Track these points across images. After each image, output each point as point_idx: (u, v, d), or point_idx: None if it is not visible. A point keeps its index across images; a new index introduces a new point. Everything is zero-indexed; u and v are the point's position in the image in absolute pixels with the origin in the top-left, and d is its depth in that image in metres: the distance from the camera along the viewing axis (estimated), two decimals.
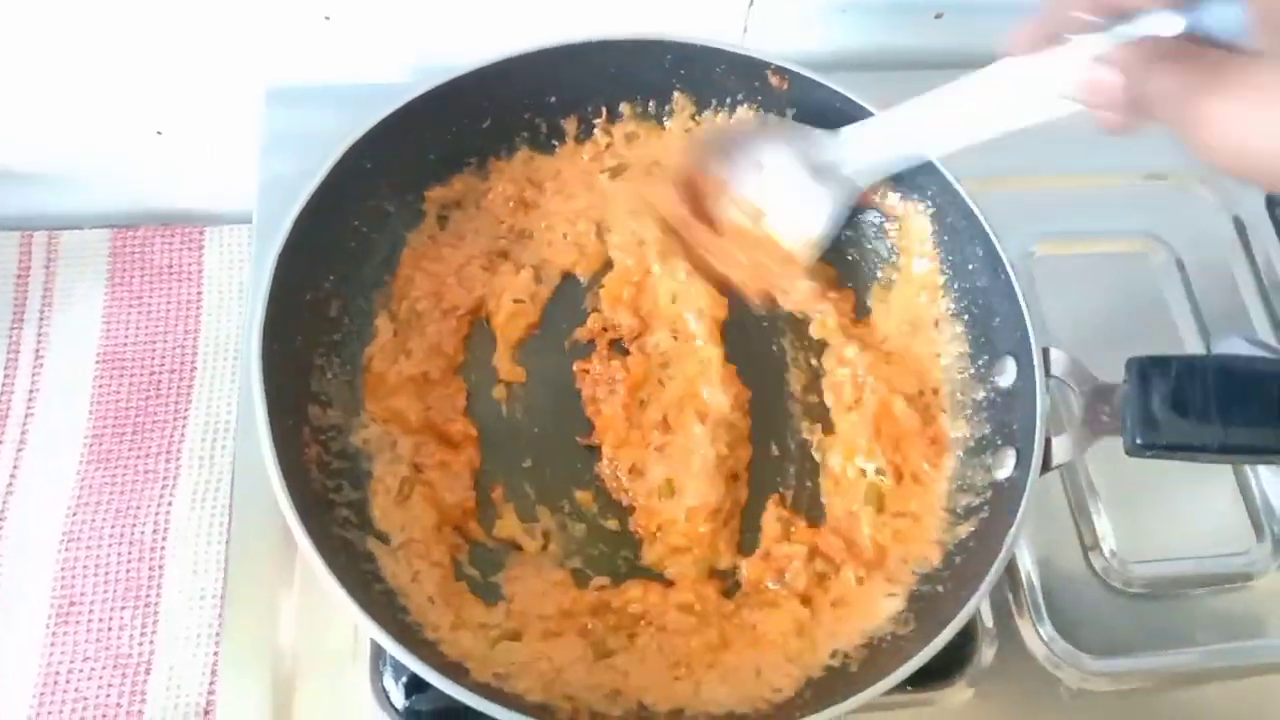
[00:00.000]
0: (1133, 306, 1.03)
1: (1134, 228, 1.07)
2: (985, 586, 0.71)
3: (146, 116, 1.05)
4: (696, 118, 0.95)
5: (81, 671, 0.89)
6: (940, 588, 0.78)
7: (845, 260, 0.95)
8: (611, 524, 0.84)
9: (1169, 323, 1.02)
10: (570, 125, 0.95)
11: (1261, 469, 0.95)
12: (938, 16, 1.11)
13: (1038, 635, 0.87)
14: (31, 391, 1.01)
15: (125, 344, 1.04)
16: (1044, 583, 0.89)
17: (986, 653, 0.85)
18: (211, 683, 0.88)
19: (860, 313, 0.94)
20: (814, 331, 0.92)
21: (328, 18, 0.98)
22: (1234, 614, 0.90)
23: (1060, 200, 1.08)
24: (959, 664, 0.84)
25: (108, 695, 0.88)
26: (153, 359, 1.03)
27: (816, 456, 0.89)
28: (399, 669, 0.79)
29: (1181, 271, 1.05)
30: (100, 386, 1.01)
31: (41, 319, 1.04)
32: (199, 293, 1.07)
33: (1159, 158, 1.12)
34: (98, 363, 1.03)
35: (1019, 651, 0.86)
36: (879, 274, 0.94)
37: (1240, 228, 1.09)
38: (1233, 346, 1.01)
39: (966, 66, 1.13)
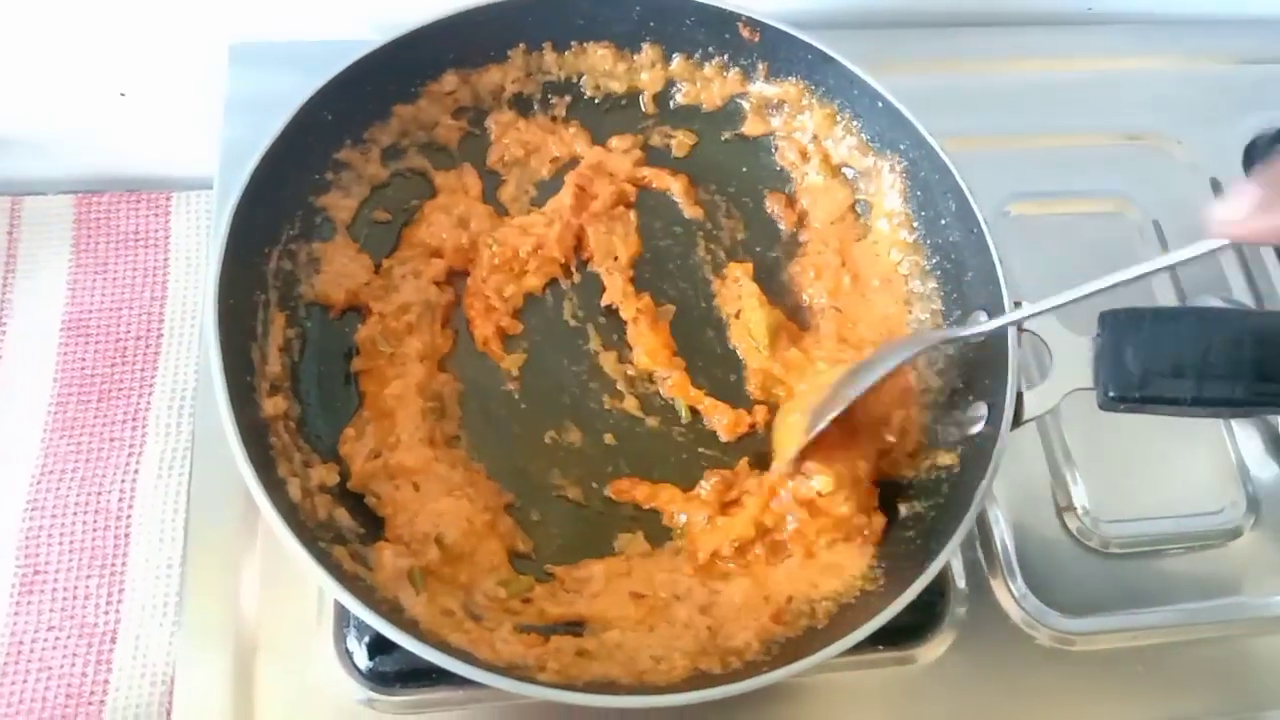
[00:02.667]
0: (1108, 267, 1.00)
1: (1110, 188, 1.07)
2: (955, 540, 0.71)
3: (110, 77, 1.04)
4: (665, 69, 0.95)
5: (46, 641, 0.88)
6: (911, 544, 0.78)
7: None
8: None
9: (1144, 284, 1.01)
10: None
11: (1237, 427, 0.95)
12: None
13: (1010, 594, 0.86)
14: None
15: (90, 311, 1.02)
16: (1018, 542, 0.88)
17: (959, 611, 0.85)
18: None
19: None
20: None
21: None
22: (1208, 573, 0.90)
23: (1035, 160, 1.07)
24: (932, 622, 0.84)
25: (73, 665, 0.87)
26: (118, 326, 1.02)
27: None
28: (362, 630, 0.78)
29: (1158, 231, 1.04)
30: (65, 354, 1.00)
31: (4, 286, 1.03)
32: (165, 259, 1.06)
33: (1135, 118, 1.11)
34: (62, 330, 1.01)
35: (992, 610, 0.86)
36: None
37: (1216, 188, 1.08)
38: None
39: (944, 25, 1.14)
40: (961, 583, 0.86)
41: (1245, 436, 0.95)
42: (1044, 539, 0.89)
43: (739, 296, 0.91)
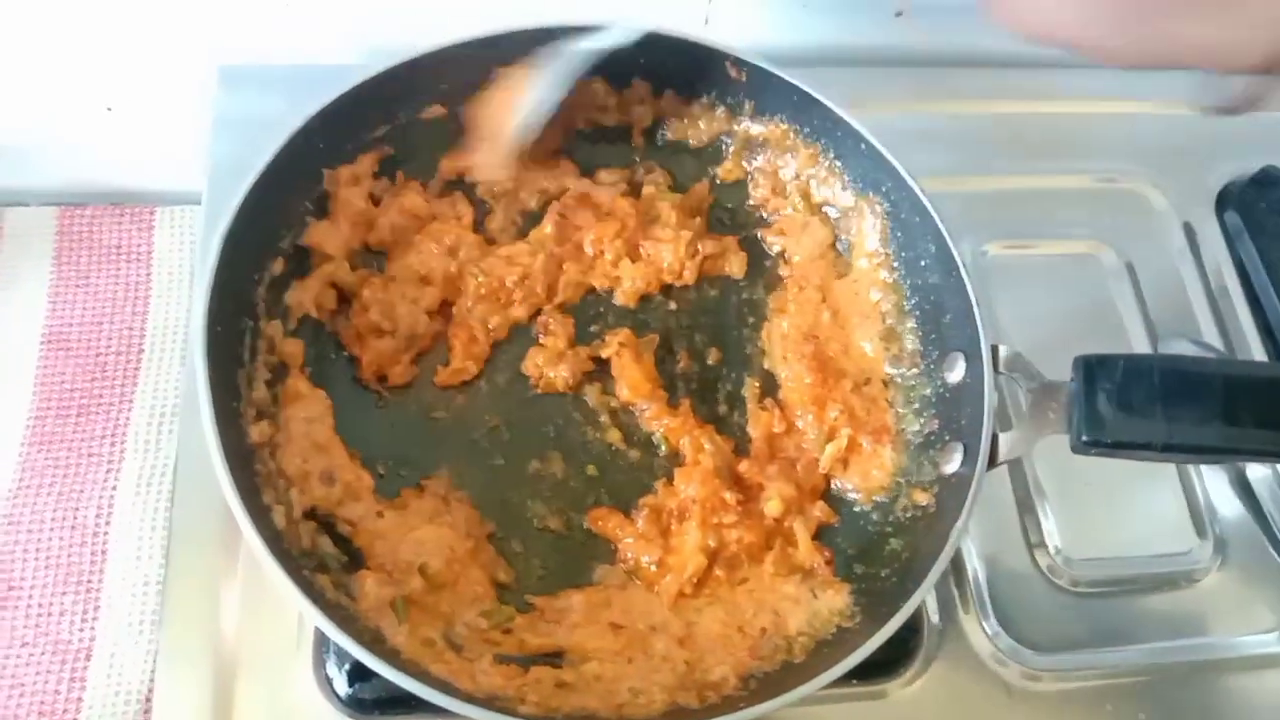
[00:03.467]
0: (1083, 308, 1.04)
1: (1085, 230, 1.09)
2: (930, 578, 0.72)
3: (97, 92, 1.03)
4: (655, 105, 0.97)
5: (20, 658, 0.87)
6: (887, 583, 0.79)
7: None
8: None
9: (1118, 325, 1.03)
10: None
11: (1205, 470, 0.97)
12: (898, 14, 1.11)
13: (983, 631, 0.87)
14: None
15: (71, 324, 1.02)
16: (990, 579, 0.90)
17: (932, 646, 0.86)
18: (154, 671, 0.86)
19: None
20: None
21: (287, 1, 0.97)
22: (1176, 612, 0.91)
23: (1013, 200, 1.09)
24: (904, 658, 0.85)
25: (46, 682, 0.86)
26: (99, 340, 1.01)
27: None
28: (342, 657, 0.78)
29: (1131, 274, 1.06)
30: (44, 367, 0.99)
31: None
32: (148, 274, 1.05)
33: (1112, 162, 1.13)
34: (42, 343, 1.00)
35: (964, 646, 0.87)
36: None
37: (1190, 233, 1.10)
38: (1179, 350, 1.02)
39: (924, 65, 1.16)
40: (935, 619, 0.87)
41: (1211, 479, 0.97)
42: (1016, 576, 0.90)
43: None
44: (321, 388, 0.84)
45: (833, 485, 0.88)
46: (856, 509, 0.87)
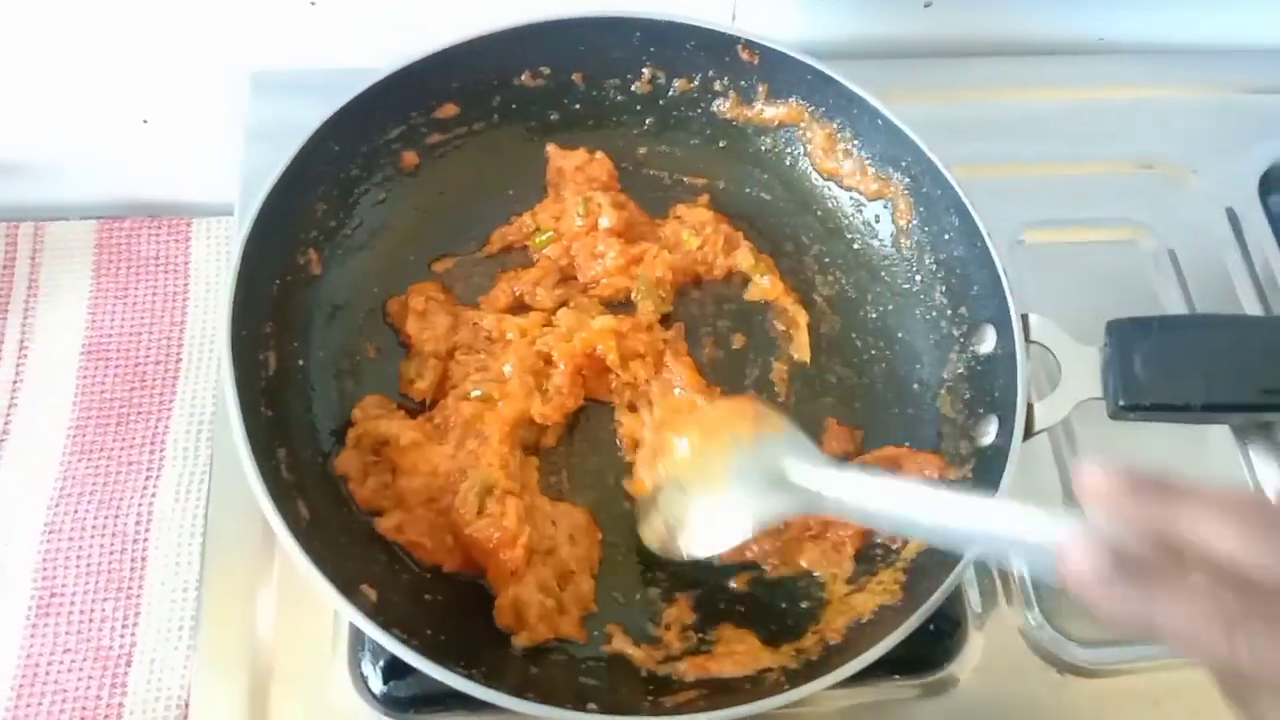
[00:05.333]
0: (1123, 295, 1.02)
1: (1124, 216, 1.07)
2: (971, 554, 0.70)
3: (133, 105, 1.05)
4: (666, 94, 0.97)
5: (62, 664, 0.87)
6: (929, 558, 0.78)
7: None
8: None
9: (1151, 294, 1.02)
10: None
11: (1252, 452, 0.94)
12: (927, 5, 1.10)
13: (1026, 623, 0.86)
14: (15, 382, 1.00)
15: (110, 335, 1.03)
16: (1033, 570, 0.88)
17: (974, 640, 0.84)
18: (192, 675, 0.87)
19: None
20: None
21: (313, 3, 0.98)
22: None
23: (1049, 188, 1.08)
24: (946, 652, 0.83)
25: (88, 688, 0.87)
26: (138, 350, 1.03)
27: None
28: (377, 654, 0.78)
29: (1173, 261, 1.04)
30: (85, 378, 1.01)
31: (26, 310, 1.04)
32: (185, 284, 1.06)
33: (1149, 147, 1.12)
34: (82, 354, 1.02)
35: (1007, 639, 0.85)
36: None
37: (1233, 218, 1.08)
38: None
39: (956, 55, 1.15)
40: (977, 609, 0.86)
41: (1261, 463, 0.94)
42: None
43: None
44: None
45: None
46: None
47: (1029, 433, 0.76)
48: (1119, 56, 1.18)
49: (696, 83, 0.96)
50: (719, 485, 0.75)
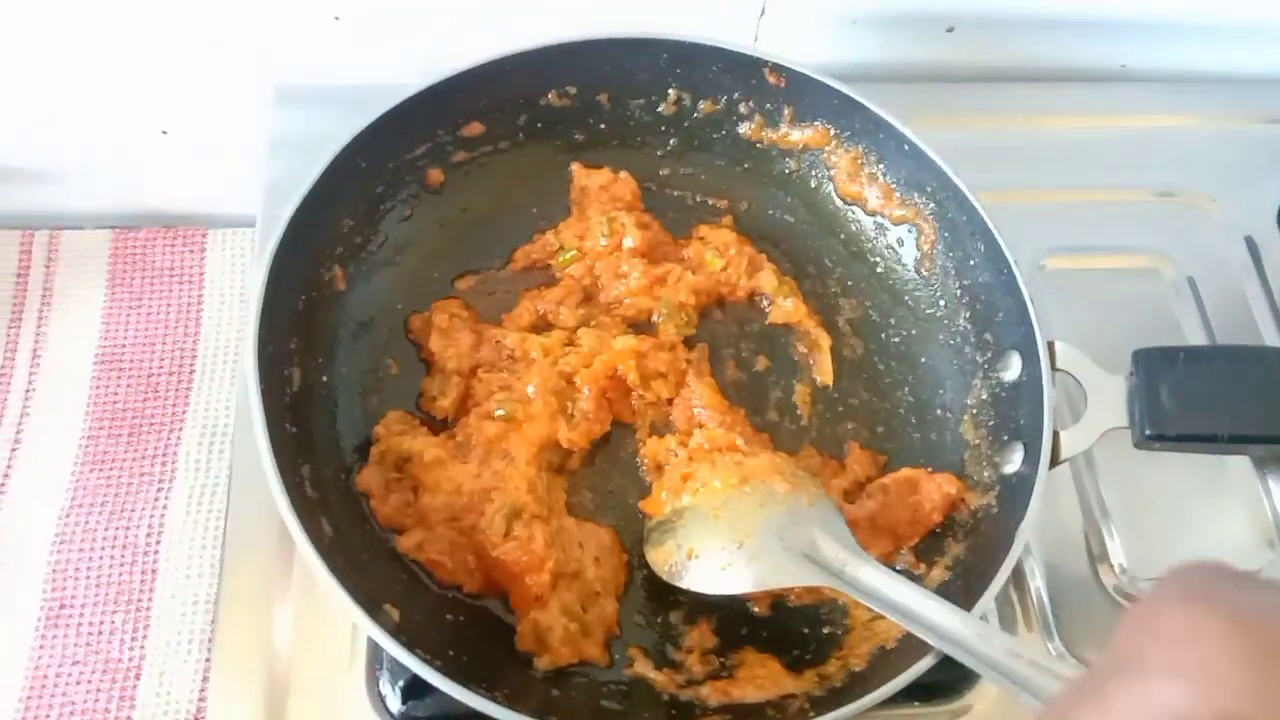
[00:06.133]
0: (1143, 323, 1.02)
1: (1145, 244, 1.07)
2: (997, 581, 0.70)
3: (152, 115, 1.04)
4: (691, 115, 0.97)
5: (70, 676, 0.87)
6: (952, 587, 0.77)
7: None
8: None
9: (1180, 340, 1.01)
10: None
11: (1272, 483, 0.94)
12: (949, 30, 1.10)
13: (1046, 649, 0.85)
14: (28, 391, 0.99)
15: (124, 345, 1.03)
16: (1052, 596, 0.87)
17: None
18: (202, 690, 0.86)
19: None
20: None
21: (337, 18, 0.98)
22: None
23: (1070, 215, 1.08)
24: (967, 679, 0.83)
25: (96, 700, 0.86)
26: (151, 361, 1.02)
27: None
28: (396, 674, 0.77)
29: (1193, 288, 1.04)
30: (97, 388, 1.00)
31: (40, 318, 1.03)
32: (200, 296, 1.06)
33: (1169, 176, 1.12)
34: (96, 364, 1.01)
35: None
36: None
37: (1252, 246, 1.08)
38: None
39: (978, 80, 1.15)
40: None
41: None
42: (1080, 594, 0.88)
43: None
44: None
45: None
46: None
47: (1055, 461, 0.76)
48: (1141, 85, 1.18)
49: (722, 105, 0.96)
50: (745, 532, 0.75)
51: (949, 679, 0.82)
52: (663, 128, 0.98)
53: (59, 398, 0.99)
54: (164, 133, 1.06)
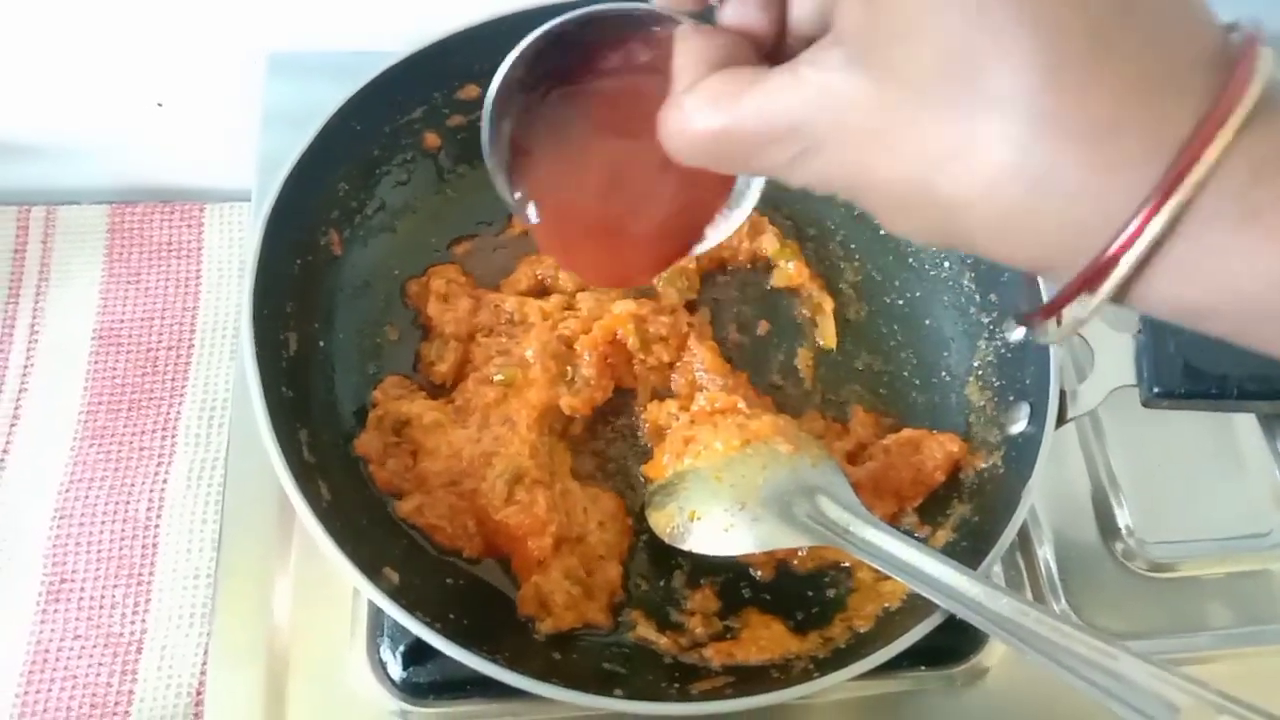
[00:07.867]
0: None
1: None
2: (1004, 540, 0.70)
3: (147, 88, 1.04)
4: None
5: (72, 650, 0.86)
6: (957, 548, 0.77)
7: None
8: None
9: None
10: None
11: None
12: None
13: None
14: (26, 367, 0.99)
15: (122, 320, 1.02)
16: (1060, 563, 0.87)
17: None
18: (204, 663, 0.86)
19: None
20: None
21: None
22: (1255, 596, 0.88)
23: None
24: (973, 643, 0.82)
25: (98, 674, 0.86)
26: (150, 336, 1.02)
27: None
28: (396, 640, 0.77)
29: None
30: (96, 363, 1.00)
31: (38, 294, 1.03)
32: (198, 270, 1.05)
33: None
34: (94, 339, 1.01)
35: None
36: None
37: None
38: None
39: None
40: None
41: None
42: (1087, 560, 0.88)
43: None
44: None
45: None
46: None
47: (1061, 420, 0.75)
48: None
49: None
50: (748, 494, 0.74)
51: (956, 642, 0.82)
52: None
53: (57, 373, 0.99)
54: (159, 106, 1.05)
